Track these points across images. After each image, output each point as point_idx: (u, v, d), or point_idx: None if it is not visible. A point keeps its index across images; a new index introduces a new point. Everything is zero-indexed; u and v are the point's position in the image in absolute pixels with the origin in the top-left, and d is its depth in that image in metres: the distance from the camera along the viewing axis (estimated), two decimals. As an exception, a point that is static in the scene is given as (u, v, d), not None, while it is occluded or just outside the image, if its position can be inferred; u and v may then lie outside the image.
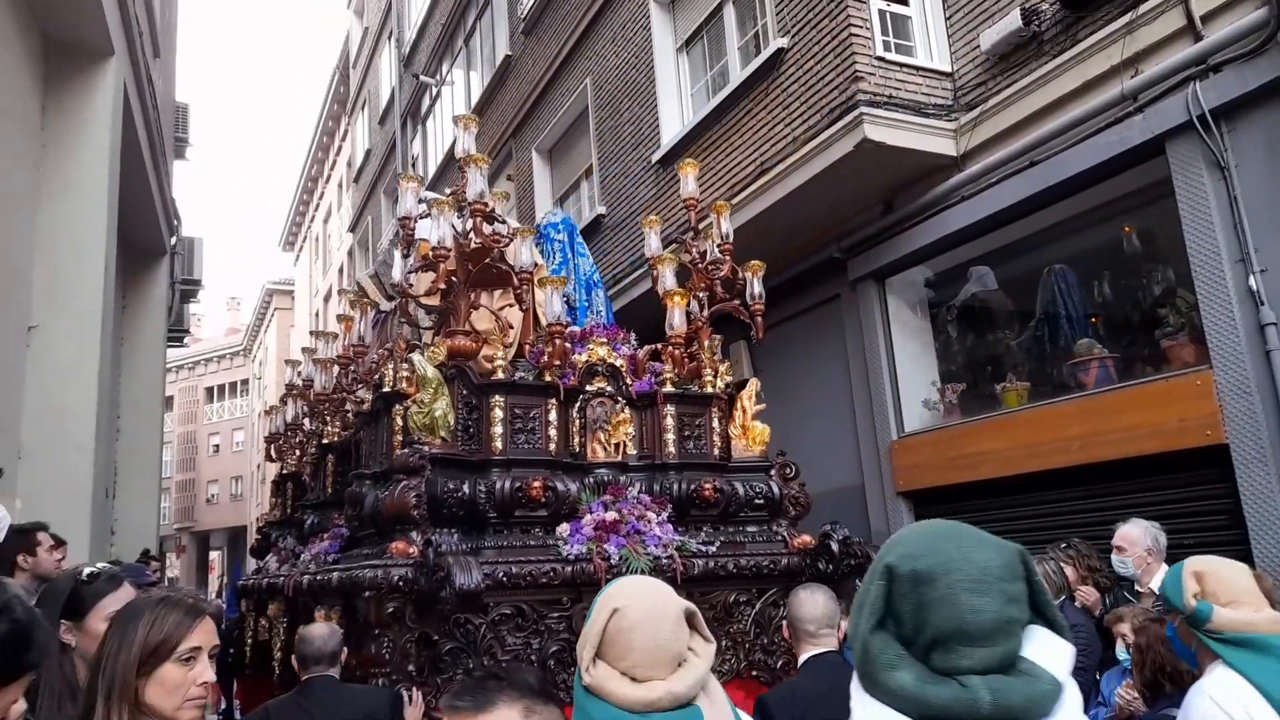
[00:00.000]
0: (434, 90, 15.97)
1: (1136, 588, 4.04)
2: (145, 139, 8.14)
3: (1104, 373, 5.73)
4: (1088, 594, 4.34)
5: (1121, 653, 3.64)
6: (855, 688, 1.28)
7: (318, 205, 30.08)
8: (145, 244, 9.85)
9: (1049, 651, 1.22)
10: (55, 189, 6.19)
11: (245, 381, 43.87)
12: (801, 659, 2.78)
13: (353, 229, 22.98)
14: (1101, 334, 5.96)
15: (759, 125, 7.07)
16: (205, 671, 1.68)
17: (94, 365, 6.20)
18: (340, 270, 25.52)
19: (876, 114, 5.94)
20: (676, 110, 8.64)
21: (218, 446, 44.15)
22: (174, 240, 10.93)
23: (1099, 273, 6.18)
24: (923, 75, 6.31)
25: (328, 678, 3.26)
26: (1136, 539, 4.05)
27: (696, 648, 1.68)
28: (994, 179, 6.05)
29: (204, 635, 1.71)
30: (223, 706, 7.80)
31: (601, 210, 9.66)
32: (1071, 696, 1.20)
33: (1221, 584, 2.25)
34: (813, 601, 2.80)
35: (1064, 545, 4.51)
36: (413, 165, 17.43)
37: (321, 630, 3.41)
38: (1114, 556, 4.16)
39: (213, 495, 43.37)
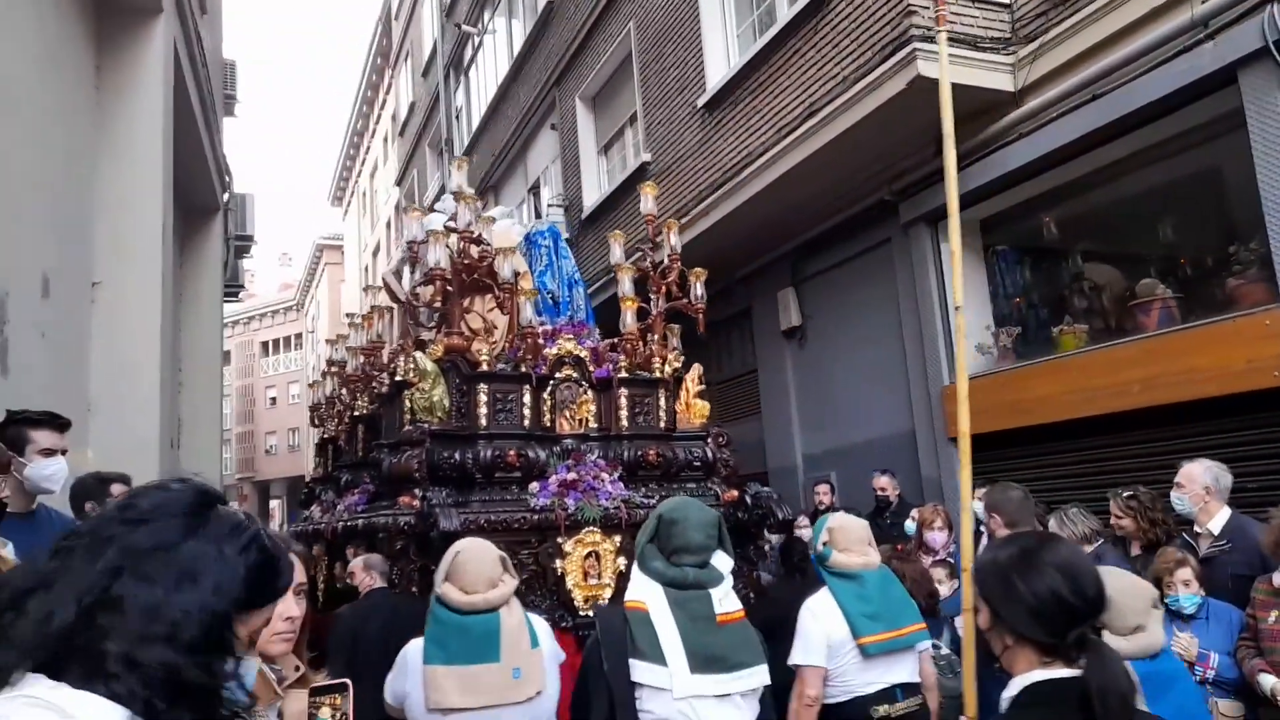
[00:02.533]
0: (476, 39, 15.86)
1: (1195, 528, 3.97)
2: (196, 96, 8.23)
3: (1166, 314, 5.56)
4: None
5: (1185, 599, 3.58)
6: (634, 569, 2.82)
7: (364, 160, 30.28)
8: (199, 201, 10.02)
9: (721, 560, 2.80)
10: (111, 147, 6.31)
11: (299, 335, 44.80)
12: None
13: (399, 183, 23.12)
14: (1165, 274, 5.77)
15: (807, 65, 6.89)
16: (291, 607, 1.76)
17: (156, 320, 6.37)
18: (388, 224, 25.76)
19: (930, 49, 5.75)
20: (722, 52, 8.46)
21: (274, 399, 45.32)
22: (226, 197, 11.10)
23: (1163, 210, 5.97)
24: (979, 7, 6.08)
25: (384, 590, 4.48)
26: (1196, 476, 3.98)
27: (506, 579, 2.85)
28: (1053, 114, 5.85)
29: (294, 572, 1.80)
30: None
31: (646, 158, 9.56)
32: (728, 578, 2.79)
33: (843, 534, 3.25)
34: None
35: (1128, 494, 4.43)
36: (456, 118, 17.40)
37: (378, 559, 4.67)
38: (1173, 493, 4.09)
39: (271, 446, 44.66)
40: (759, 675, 2.57)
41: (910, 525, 5.83)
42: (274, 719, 1.57)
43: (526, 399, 5.27)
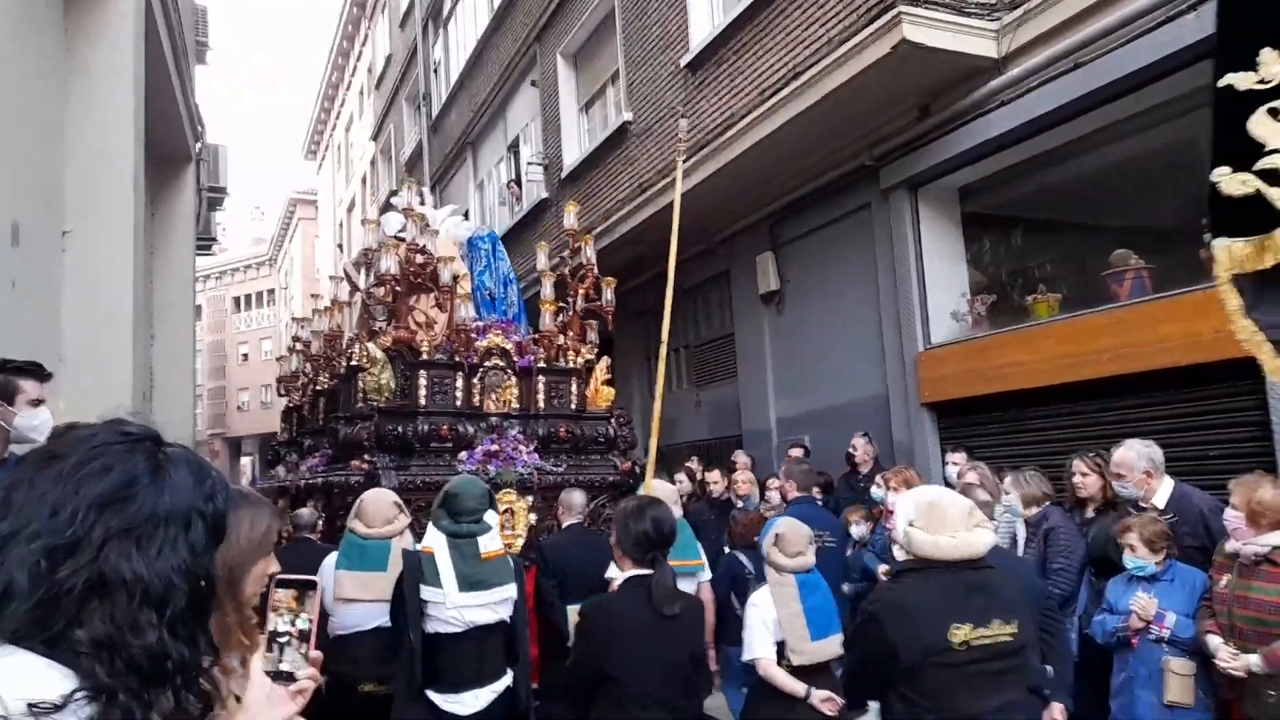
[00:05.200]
0: (455, -9, 15.55)
1: (1142, 505, 4.07)
2: (167, 42, 8.02)
3: (1139, 283, 5.65)
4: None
5: (1129, 561, 3.71)
6: (429, 526, 3.72)
7: (339, 113, 29.71)
8: (171, 151, 9.80)
9: (490, 517, 3.78)
10: (82, 92, 6.15)
11: (271, 291, 44.24)
12: (565, 524, 5.24)
13: (375, 138, 22.74)
14: (1139, 244, 5.84)
15: (791, 26, 6.84)
16: (274, 563, 1.77)
17: (128, 270, 6.26)
18: (363, 179, 25.37)
19: (915, 13, 5.72)
20: (706, 11, 8.38)
21: (246, 355, 44.86)
22: (199, 147, 10.88)
23: (1140, 181, 6.03)
24: (965, -28, 6.05)
25: (309, 540, 5.26)
26: (1132, 463, 4.09)
27: (399, 518, 4.18)
28: (1035, 82, 5.86)
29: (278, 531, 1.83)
30: None
31: (628, 117, 9.48)
32: (494, 529, 3.73)
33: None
34: (577, 496, 5.32)
35: (1092, 454, 4.55)
36: (434, 72, 17.11)
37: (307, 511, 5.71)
38: (1114, 483, 4.20)
39: (243, 403, 44.29)
40: (508, 590, 3.65)
41: (877, 491, 5.93)
42: (237, 666, 1.57)
43: (459, 383, 6.44)
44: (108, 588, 0.96)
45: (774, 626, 3.52)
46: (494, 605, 3.59)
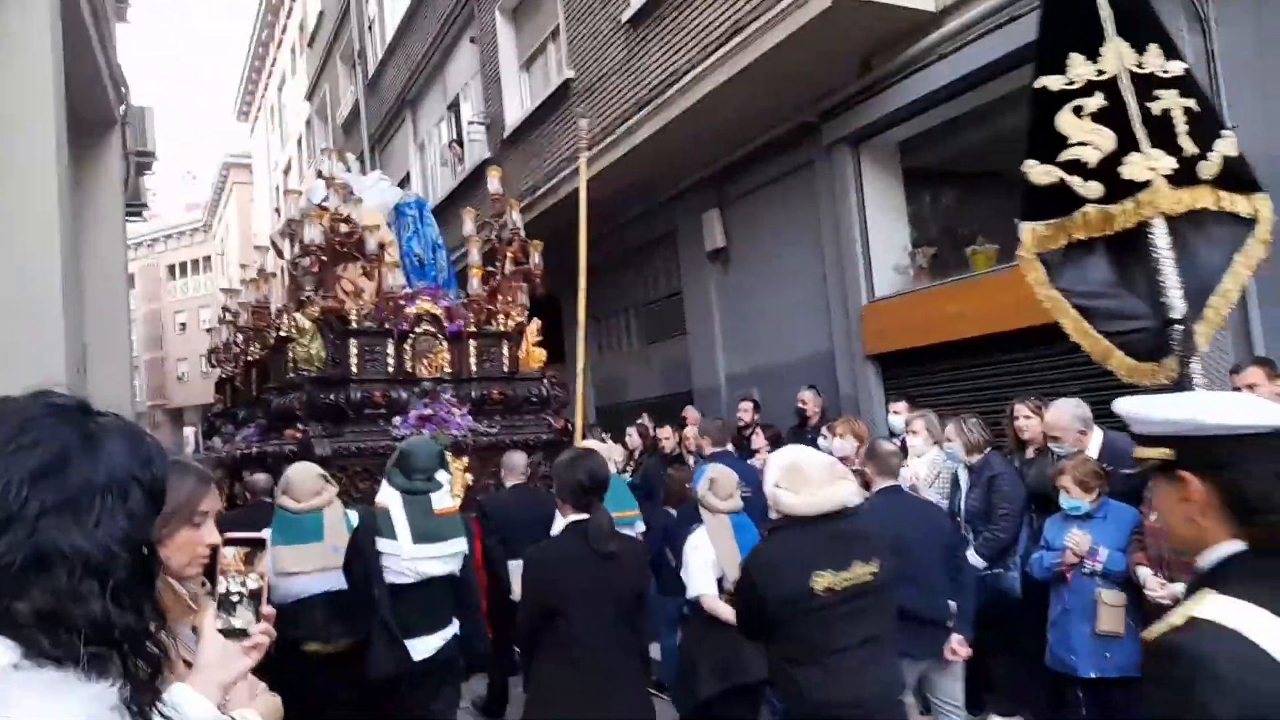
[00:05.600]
0: (388, -56, 15.07)
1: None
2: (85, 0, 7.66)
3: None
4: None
5: (1065, 501, 3.88)
6: (384, 483, 3.91)
7: (270, 73, 28.73)
8: (94, 114, 9.40)
9: (442, 476, 3.97)
10: (-6, 54, 5.86)
11: (208, 258, 43.00)
12: (509, 484, 5.45)
13: (309, 97, 22.08)
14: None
15: (733, -20, 6.79)
16: (211, 534, 1.74)
17: (55, 242, 6.04)
18: (299, 141, 24.67)
19: (855, -33, 5.73)
20: (646, -36, 8.26)
21: (184, 324, 43.68)
22: (123, 109, 10.45)
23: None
24: (903, -75, 6.06)
25: (267, 503, 5.08)
26: (1065, 425, 4.24)
27: (326, 490, 4.10)
28: (972, 36, 5.93)
29: (212, 501, 1.78)
30: None
31: (570, 74, 9.35)
32: (445, 487, 3.96)
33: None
34: (518, 457, 5.54)
35: (1033, 398, 4.72)
36: (369, 28, 16.62)
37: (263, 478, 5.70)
38: (1052, 445, 4.36)
39: (183, 373, 43.22)
40: (459, 544, 3.86)
41: (823, 442, 6.06)
42: (189, 633, 1.57)
43: (390, 350, 6.59)
44: (47, 561, 0.95)
45: (713, 564, 3.77)
46: (445, 558, 3.79)
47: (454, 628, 3.84)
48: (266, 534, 1.70)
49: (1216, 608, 1.27)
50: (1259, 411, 1.38)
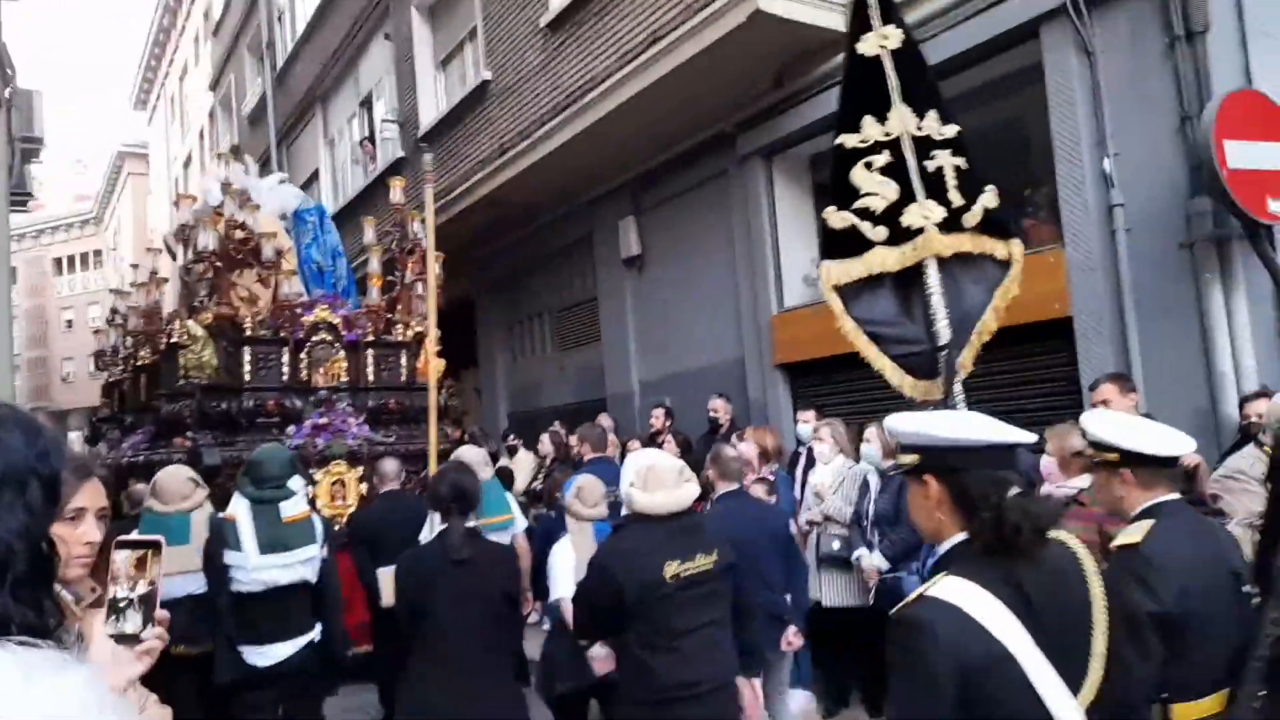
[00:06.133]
0: (300, -66, 14.67)
1: None
2: (-33, -26, 7.23)
3: (970, 250, 6.06)
4: None
5: None
6: (235, 494, 4.01)
7: (172, 60, 27.56)
8: (-25, 96, 8.89)
9: (295, 483, 4.03)
10: None
11: (98, 252, 40.91)
12: (383, 490, 5.33)
13: (213, 88, 21.28)
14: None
15: (652, -10, 6.87)
16: (90, 531, 1.67)
17: (-70, 228, 5.68)
18: (201, 133, 23.74)
19: (771, -17, 5.87)
20: (566, -30, 8.28)
21: (70, 322, 41.44)
22: (8, 91, 9.90)
23: (972, 152, 6.43)
24: (817, -54, 6.24)
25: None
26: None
27: (196, 493, 4.13)
28: (880, 57, 6.14)
29: (90, 496, 1.70)
30: None
31: (487, 76, 9.29)
32: (299, 494, 4.02)
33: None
34: (391, 464, 5.39)
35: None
36: (279, 19, 16.14)
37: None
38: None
39: (69, 374, 40.98)
40: (310, 551, 3.89)
41: (731, 448, 6.17)
42: (73, 639, 1.51)
43: (286, 358, 6.62)
44: None
45: (575, 570, 3.85)
46: (296, 565, 3.85)
47: (312, 634, 3.90)
48: (160, 538, 1.63)
49: (943, 586, 1.58)
50: (982, 429, 1.70)
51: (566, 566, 3.94)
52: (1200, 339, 4.58)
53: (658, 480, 3.01)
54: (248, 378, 6.41)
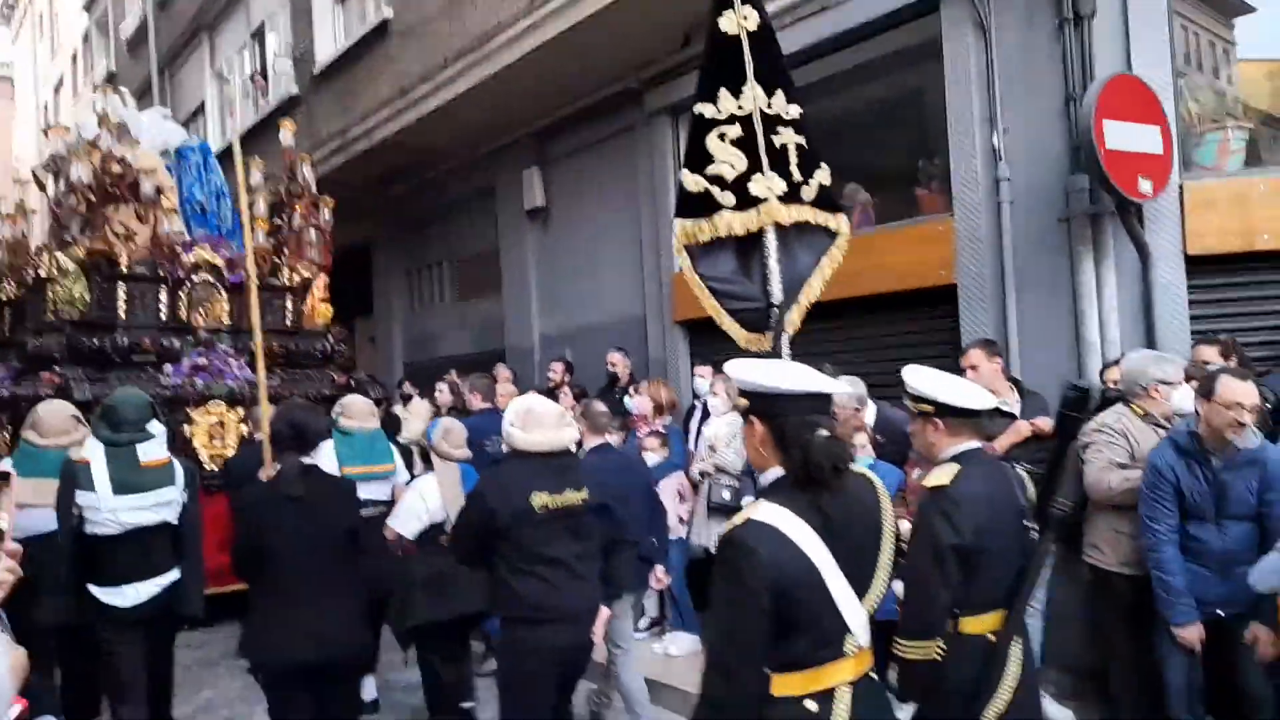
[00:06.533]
0: None
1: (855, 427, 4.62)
2: None
3: (865, 215, 6.24)
4: None
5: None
6: (90, 437, 3.95)
7: (39, -27, 25.41)
8: None
9: (154, 427, 3.94)
10: None
11: (-45, 181, 37.68)
12: (258, 437, 4.93)
13: (88, 8, 19.77)
14: (866, 179, 6.42)
15: (562, -64, 6.72)
16: None
17: None
18: (74, 56, 22.06)
19: (683, -62, 5.83)
20: (475, -92, 7.99)
21: (-76, 255, 38.18)
22: None
23: (873, 122, 6.60)
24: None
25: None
26: (844, 403, 4.46)
27: (77, 429, 4.24)
28: (788, 20, 6.19)
29: None
30: None
31: (388, 14, 8.94)
32: (157, 438, 3.92)
33: (352, 408, 4.93)
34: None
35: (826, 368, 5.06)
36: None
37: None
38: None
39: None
40: (169, 494, 3.91)
41: (629, 401, 6.25)
42: None
43: (164, 297, 6.56)
44: None
45: (428, 511, 4.11)
46: (154, 508, 3.86)
47: (173, 574, 3.94)
48: (8, 465, 1.58)
49: (763, 511, 1.88)
50: (797, 379, 1.96)
51: (413, 499, 4.16)
52: (1071, 309, 4.87)
53: (536, 421, 3.30)
54: (123, 315, 6.33)
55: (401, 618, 4.15)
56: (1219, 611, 3.30)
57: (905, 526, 3.95)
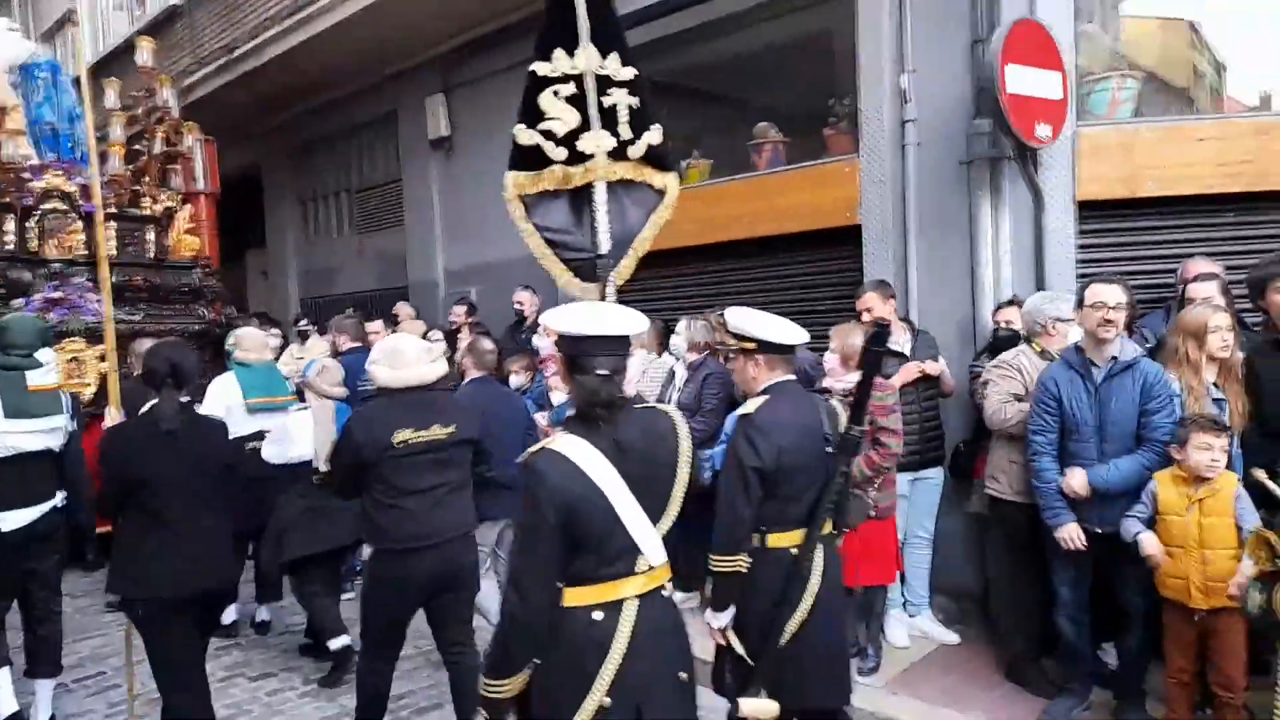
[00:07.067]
0: None
1: None
2: None
3: (775, 155, 6.26)
4: None
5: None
6: None
7: None
8: None
9: (44, 354, 4.01)
10: None
11: None
12: (136, 373, 4.86)
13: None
14: (777, 119, 6.41)
15: None
16: None
17: None
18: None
19: None
20: None
21: None
22: None
23: (785, 61, 6.58)
24: None
25: None
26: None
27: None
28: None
29: None
30: None
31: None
32: (47, 365, 3.99)
33: (248, 341, 5.11)
34: (145, 343, 5.17)
35: (718, 312, 5.11)
36: None
37: None
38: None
39: None
40: (57, 421, 3.96)
41: (538, 340, 6.18)
42: None
43: (11, 226, 6.21)
44: None
45: (292, 441, 4.39)
46: (41, 434, 3.89)
47: (55, 500, 3.99)
48: None
49: (558, 441, 2.12)
50: (591, 323, 2.18)
51: (281, 431, 4.43)
52: (969, 251, 5.02)
53: (401, 359, 3.47)
54: (-38, 245, 6.11)
55: (278, 553, 4.33)
56: (1096, 529, 3.54)
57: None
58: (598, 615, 2.10)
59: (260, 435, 4.72)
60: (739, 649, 2.80)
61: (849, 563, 4.19)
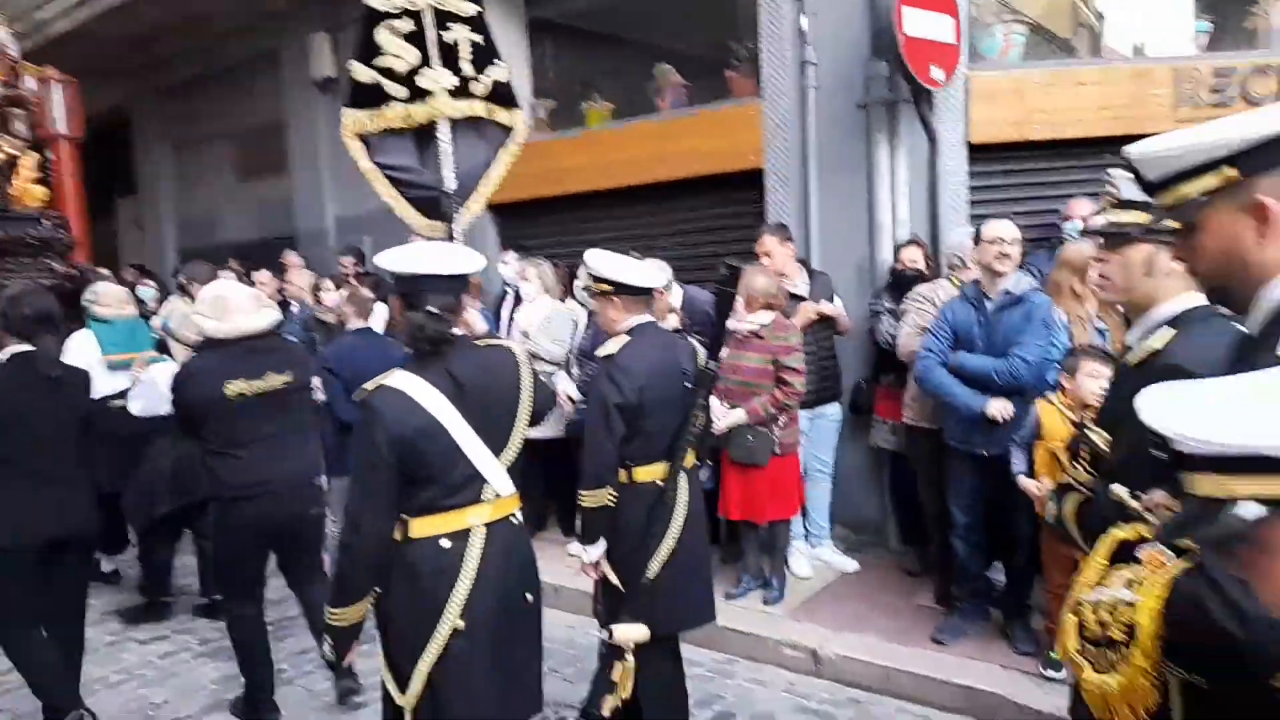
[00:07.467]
0: None
1: None
2: None
3: (677, 98, 6.20)
4: None
5: None
6: None
7: None
8: None
9: None
10: None
11: None
12: None
13: None
14: (679, 61, 6.35)
15: None
16: None
17: None
18: None
19: None
20: None
21: None
22: None
23: (687, 2, 6.49)
24: None
25: None
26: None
27: None
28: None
29: None
30: None
31: None
32: None
33: (107, 297, 4.85)
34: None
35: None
36: None
37: None
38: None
39: None
40: None
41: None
42: None
43: None
44: None
45: (160, 395, 4.20)
46: None
47: None
48: None
49: (394, 378, 2.18)
50: (422, 263, 2.26)
51: (150, 385, 4.26)
52: (867, 193, 5.10)
53: (228, 308, 3.38)
54: None
55: (148, 508, 4.32)
56: (983, 451, 3.70)
57: (713, 403, 4.10)
58: (445, 543, 2.18)
59: (123, 394, 4.55)
60: (613, 579, 2.87)
61: (757, 500, 4.30)
